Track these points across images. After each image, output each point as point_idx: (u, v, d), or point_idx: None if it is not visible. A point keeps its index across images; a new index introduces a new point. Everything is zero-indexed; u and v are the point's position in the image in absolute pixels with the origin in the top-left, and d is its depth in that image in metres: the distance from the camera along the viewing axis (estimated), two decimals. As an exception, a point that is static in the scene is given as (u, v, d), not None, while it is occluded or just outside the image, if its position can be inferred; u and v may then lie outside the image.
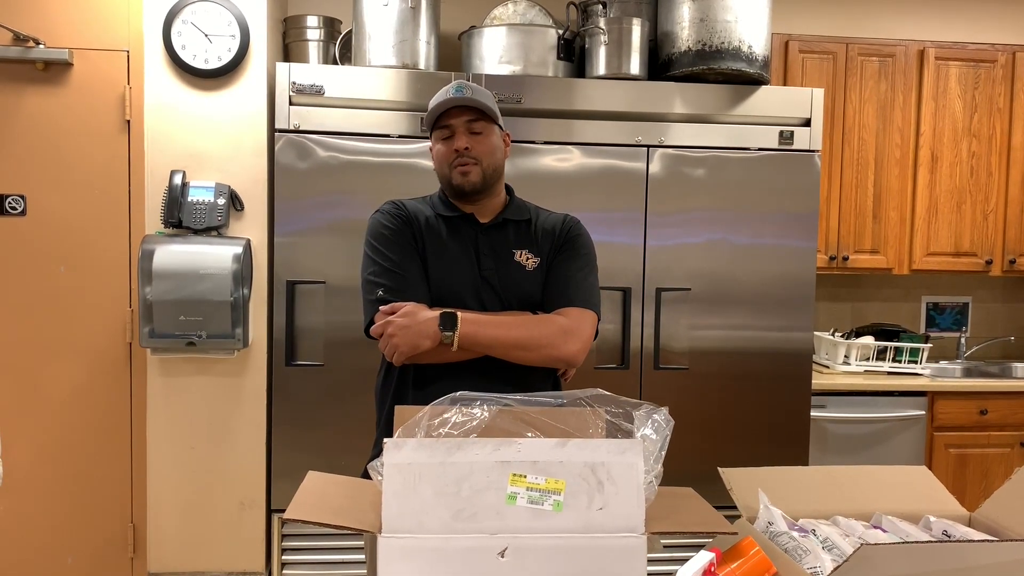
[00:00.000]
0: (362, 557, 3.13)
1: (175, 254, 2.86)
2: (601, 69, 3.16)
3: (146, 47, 2.97)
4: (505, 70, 3.15)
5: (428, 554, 1.08)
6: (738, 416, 3.22)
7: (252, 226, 3.04)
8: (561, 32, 3.19)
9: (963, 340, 4.21)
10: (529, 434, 1.24)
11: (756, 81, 3.18)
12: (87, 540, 3.21)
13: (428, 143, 2.95)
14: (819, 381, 3.48)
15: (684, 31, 3.13)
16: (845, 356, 3.81)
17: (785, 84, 3.71)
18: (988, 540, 1.07)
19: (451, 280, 1.87)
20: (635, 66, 3.16)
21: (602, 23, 3.15)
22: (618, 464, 1.11)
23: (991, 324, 4.29)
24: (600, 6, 3.25)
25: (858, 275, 4.00)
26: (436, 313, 1.77)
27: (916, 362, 3.75)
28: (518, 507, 1.10)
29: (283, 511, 3.08)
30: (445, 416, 1.28)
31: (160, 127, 2.98)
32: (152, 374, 3.00)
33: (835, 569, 1.05)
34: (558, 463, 1.11)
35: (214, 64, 2.97)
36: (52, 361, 3.16)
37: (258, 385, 3.06)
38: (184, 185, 2.94)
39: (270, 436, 3.08)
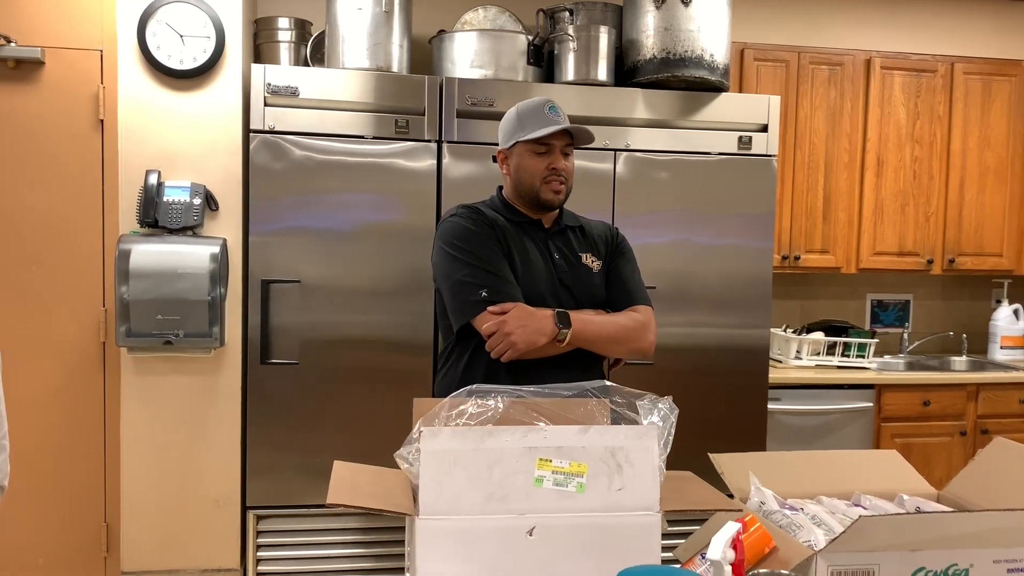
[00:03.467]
0: (336, 552, 3.19)
1: (152, 254, 2.87)
2: (570, 75, 3.27)
3: (120, 47, 2.97)
4: (476, 74, 3.22)
5: (463, 534, 1.16)
6: (700, 410, 3.34)
7: (227, 226, 3.07)
8: (531, 38, 3.29)
9: (906, 336, 4.43)
10: (540, 423, 1.33)
11: (717, 88, 3.32)
12: (59, 540, 3.19)
13: (401, 144, 3.07)
14: (773, 375, 3.63)
15: (649, 39, 3.25)
16: (797, 351, 3.99)
17: (741, 91, 3.86)
18: (967, 511, 1.19)
19: (534, 281, 2.01)
20: (602, 72, 3.27)
21: (571, 30, 3.25)
22: (636, 448, 1.21)
23: (931, 320, 4.52)
24: (567, 13, 3.35)
25: (808, 274, 4.18)
26: (549, 312, 1.92)
27: (863, 356, 3.94)
28: (545, 489, 1.19)
29: (258, 508, 3.12)
30: (462, 408, 1.36)
31: (135, 127, 2.98)
32: (126, 373, 3.00)
33: (835, 538, 1.17)
34: (581, 448, 1.20)
35: (189, 64, 2.99)
36: (24, 361, 3.13)
37: (233, 384, 3.09)
38: (159, 185, 2.95)
39: (245, 434, 3.11)
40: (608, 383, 1.42)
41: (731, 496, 1.49)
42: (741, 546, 1.06)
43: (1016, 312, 4.30)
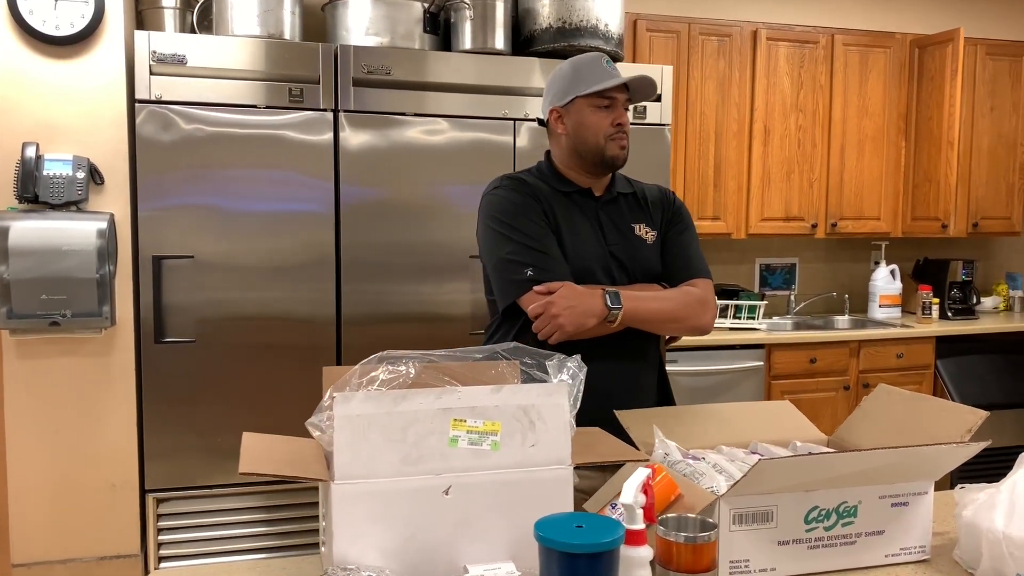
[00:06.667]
0: (241, 532, 3.14)
1: (34, 231, 2.73)
2: (467, 43, 3.25)
3: (-13, 11, 2.79)
4: (372, 41, 3.18)
5: (380, 496, 1.16)
6: (602, 373, 3.42)
7: (114, 200, 2.94)
8: (426, 5, 3.25)
9: (792, 297, 4.64)
10: (462, 386, 1.34)
11: (612, 58, 3.36)
12: (-61, 536, 3.02)
13: (297, 114, 3.00)
14: (671, 338, 3.75)
15: (545, 8, 3.27)
16: (692, 315, 4.11)
17: (634, 61, 3.94)
18: (855, 451, 1.27)
19: (583, 255, 1.88)
20: (500, 41, 3.27)
21: (467, -2, 3.23)
22: (547, 405, 1.23)
23: (815, 282, 4.75)
24: (463, -19, 3.33)
25: (700, 240, 4.29)
26: (598, 291, 1.79)
27: (754, 318, 4.11)
28: (460, 449, 1.20)
29: (158, 491, 3.04)
30: (373, 374, 1.35)
31: (8, 96, 2.81)
32: (8, 357, 2.85)
33: (736, 482, 1.23)
34: (494, 407, 1.22)
35: (66, 31, 2.83)
36: None
37: (127, 364, 2.98)
38: (38, 158, 2.80)
39: (141, 416, 3.00)
40: (518, 344, 1.43)
41: (637, 449, 1.54)
42: (651, 491, 1.10)
43: (893, 272, 4.56)
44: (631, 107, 3.25)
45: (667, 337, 2.07)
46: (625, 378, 1.91)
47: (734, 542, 1.26)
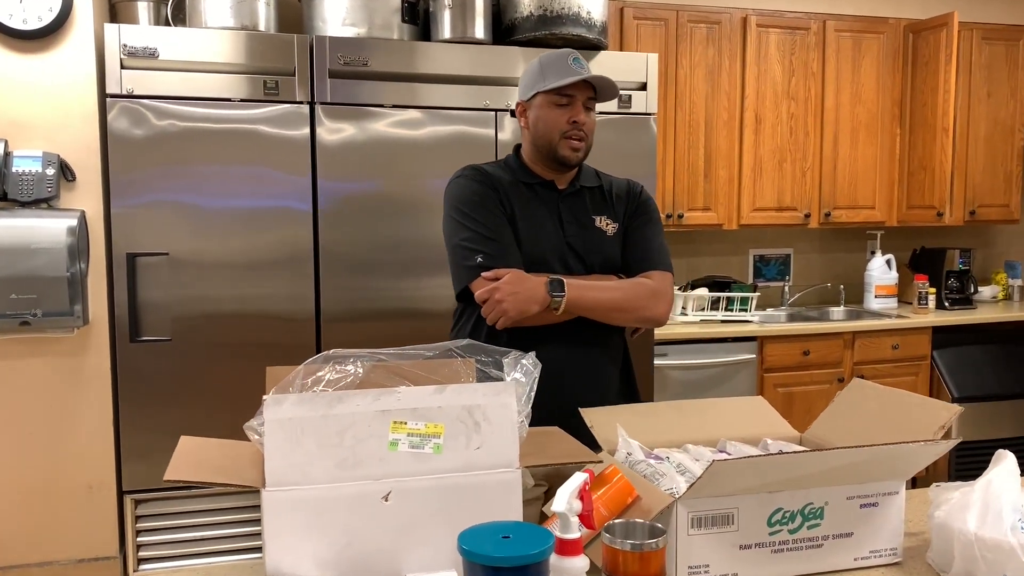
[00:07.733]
0: (216, 533, 3.09)
1: (2, 229, 2.68)
2: (446, 33, 3.19)
3: (-46, 5, 2.74)
4: (349, 32, 3.11)
5: (314, 503, 1.11)
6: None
7: (86, 197, 2.89)
8: (405, -5, 3.19)
9: (786, 288, 4.57)
10: (402, 387, 1.28)
11: (595, 46, 3.30)
12: (-86, 540, 2.98)
13: (272, 107, 2.94)
14: (660, 331, 3.68)
15: (526, -4, 3.20)
16: (683, 307, 4.05)
17: (621, 50, 3.86)
18: (818, 450, 1.21)
19: (539, 245, 1.91)
20: (480, 30, 3.21)
21: (445, -13, 3.17)
22: (493, 405, 1.17)
23: (810, 273, 4.67)
24: (442, -30, 3.26)
25: (692, 231, 4.24)
26: (543, 278, 1.82)
27: (746, 310, 4.04)
28: (400, 452, 1.14)
29: (135, 492, 2.99)
30: (319, 375, 1.29)
31: (-25, 92, 2.77)
32: (-20, 359, 2.81)
33: (692, 485, 1.17)
34: (437, 408, 1.16)
35: (34, 24, 2.78)
36: None
37: (102, 364, 2.93)
38: (7, 155, 2.75)
39: (117, 416, 2.96)
40: (472, 341, 1.37)
41: (600, 449, 1.48)
42: (588, 496, 1.04)
43: (889, 262, 4.48)
44: (615, 101, 3.27)
45: (631, 329, 2.08)
46: (578, 365, 1.93)
47: (693, 546, 1.20)
